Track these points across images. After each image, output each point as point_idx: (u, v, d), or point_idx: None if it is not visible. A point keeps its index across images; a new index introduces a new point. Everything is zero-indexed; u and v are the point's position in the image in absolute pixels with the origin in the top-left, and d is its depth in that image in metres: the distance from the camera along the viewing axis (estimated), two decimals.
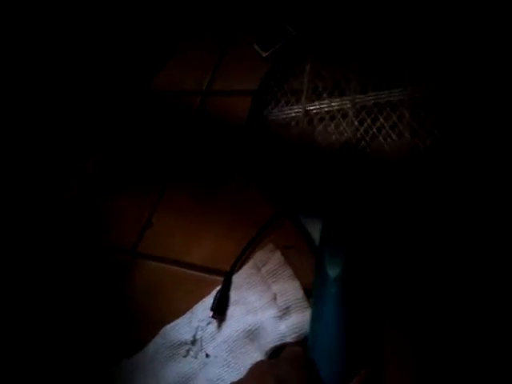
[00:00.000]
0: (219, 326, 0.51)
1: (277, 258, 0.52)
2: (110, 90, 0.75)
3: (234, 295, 0.52)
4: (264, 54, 0.70)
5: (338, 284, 0.42)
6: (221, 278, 0.54)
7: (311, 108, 0.58)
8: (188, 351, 0.51)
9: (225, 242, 0.57)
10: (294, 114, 0.59)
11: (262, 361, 0.41)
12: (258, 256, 0.53)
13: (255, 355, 0.47)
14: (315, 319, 0.43)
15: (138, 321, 0.56)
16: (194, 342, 0.51)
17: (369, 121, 0.54)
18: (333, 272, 0.42)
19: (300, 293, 0.48)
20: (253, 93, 0.65)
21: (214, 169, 0.64)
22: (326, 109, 0.57)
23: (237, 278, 0.53)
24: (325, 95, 0.58)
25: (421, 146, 0.49)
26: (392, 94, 0.54)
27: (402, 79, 0.54)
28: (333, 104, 0.57)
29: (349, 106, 0.55)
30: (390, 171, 0.50)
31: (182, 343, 0.51)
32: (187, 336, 0.51)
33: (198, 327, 0.52)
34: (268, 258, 0.52)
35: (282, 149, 0.57)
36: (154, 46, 0.79)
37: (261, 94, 0.64)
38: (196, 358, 0.50)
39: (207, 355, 0.50)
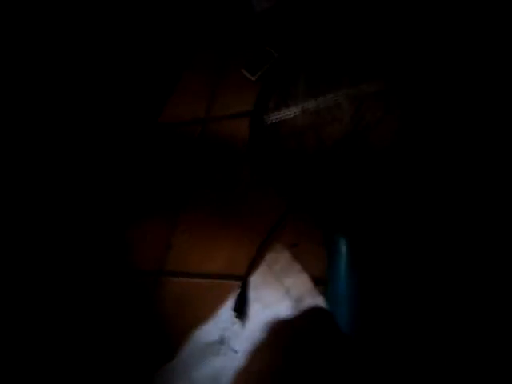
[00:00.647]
0: (242, 324, 0.56)
1: (285, 256, 0.58)
2: (120, 127, 0.81)
3: (252, 295, 0.58)
4: (253, 78, 0.77)
5: (348, 246, 0.50)
6: (239, 282, 0.59)
7: (308, 107, 0.65)
8: (218, 350, 0.56)
9: (238, 250, 0.63)
10: (292, 115, 0.66)
11: (279, 318, 0.46)
12: (269, 257, 0.59)
13: None
14: (331, 277, 0.51)
15: (169, 331, 0.62)
16: (222, 341, 0.56)
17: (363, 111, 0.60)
18: (343, 249, 0.50)
19: (309, 284, 0.54)
20: (248, 113, 0.71)
21: (220, 187, 0.70)
22: (321, 106, 0.64)
23: (253, 279, 0.59)
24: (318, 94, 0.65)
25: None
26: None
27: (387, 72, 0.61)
28: (327, 100, 0.64)
29: (342, 99, 0.62)
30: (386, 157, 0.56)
31: (211, 344, 0.57)
32: (215, 337, 0.57)
33: (224, 328, 0.57)
34: (278, 258, 0.58)
35: (287, 147, 0.64)
36: (157, 83, 0.86)
37: (260, 101, 0.71)
38: (226, 355, 0.56)
39: (236, 351, 0.55)
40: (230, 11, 0.86)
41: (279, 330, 0.43)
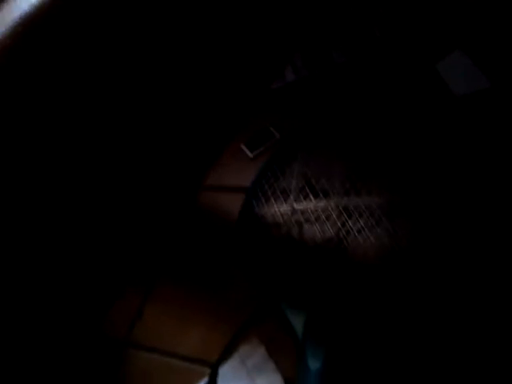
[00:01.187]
0: None
1: (261, 352, 0.56)
2: None
3: None
4: (251, 155, 0.77)
5: (319, 377, 0.47)
6: (208, 370, 0.57)
7: (299, 207, 0.65)
8: None
9: (212, 334, 0.61)
10: (282, 212, 0.65)
11: None
12: (244, 350, 0.57)
13: None
14: None
15: None
16: None
17: (350, 223, 0.60)
18: (314, 366, 0.48)
19: None
20: (244, 189, 0.71)
21: (202, 264, 0.69)
22: (311, 208, 0.64)
23: (223, 371, 0.57)
24: (311, 196, 0.65)
25: (396, 249, 0.56)
26: (371, 200, 0.61)
27: (381, 186, 0.62)
28: (318, 205, 0.63)
29: (332, 206, 0.62)
30: (367, 270, 0.56)
31: None
32: None
33: None
34: (253, 352, 0.56)
35: (271, 244, 0.63)
36: None
37: (253, 191, 0.71)
38: None
39: None
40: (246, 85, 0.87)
41: None
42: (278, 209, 0.67)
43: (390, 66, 0.78)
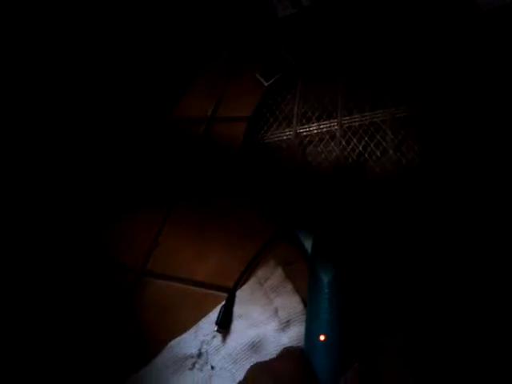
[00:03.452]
0: (224, 339, 0.53)
1: (278, 274, 0.55)
2: (130, 118, 0.79)
3: (237, 310, 0.55)
4: (266, 84, 0.74)
5: (331, 287, 0.46)
6: (225, 294, 0.56)
7: (301, 131, 0.62)
8: (194, 364, 0.53)
9: (229, 260, 0.60)
10: (285, 137, 0.63)
11: (257, 362, 0.43)
12: (261, 272, 0.56)
13: None
14: (310, 320, 0.46)
15: (146, 337, 0.58)
16: (199, 355, 0.53)
17: (355, 140, 0.58)
18: (326, 277, 0.46)
19: (300, 306, 0.51)
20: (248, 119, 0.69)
21: (217, 191, 0.67)
22: (315, 131, 0.61)
23: (240, 294, 0.56)
24: (314, 119, 0.63)
25: (403, 161, 0.53)
26: (375, 115, 0.58)
27: (384, 101, 0.59)
28: (321, 126, 0.61)
29: (336, 127, 0.60)
30: (375, 185, 0.53)
31: (188, 356, 0.53)
32: (193, 350, 0.53)
33: (203, 341, 0.54)
34: (270, 274, 0.55)
35: (276, 169, 0.61)
36: (174, 78, 0.83)
37: (255, 120, 0.68)
38: (201, 370, 0.52)
39: (212, 367, 0.52)
40: (251, 14, 0.83)
41: (250, 372, 0.40)
42: (281, 134, 0.64)
43: None
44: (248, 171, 0.63)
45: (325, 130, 0.61)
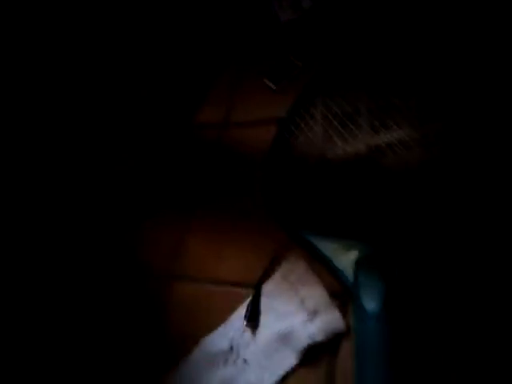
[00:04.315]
0: (254, 333, 0.55)
1: (302, 266, 0.57)
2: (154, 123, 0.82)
3: (265, 303, 0.56)
4: (274, 87, 0.76)
5: (378, 319, 0.45)
6: (251, 290, 0.58)
7: (327, 152, 0.62)
8: (227, 359, 0.55)
9: (251, 258, 0.62)
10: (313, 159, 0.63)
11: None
12: (285, 266, 0.58)
13: (289, 356, 0.51)
14: (358, 353, 0.46)
15: (178, 337, 0.60)
16: (231, 350, 0.55)
17: (384, 161, 0.58)
18: (371, 307, 0.45)
19: (326, 296, 0.53)
20: (273, 121, 0.71)
21: (238, 193, 0.69)
22: (340, 152, 0.61)
23: (266, 288, 0.58)
24: (337, 140, 0.62)
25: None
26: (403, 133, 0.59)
27: (412, 120, 0.59)
28: (347, 148, 0.61)
29: (362, 147, 0.60)
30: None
31: (221, 352, 0.55)
32: (225, 345, 0.55)
33: (234, 336, 0.56)
34: (294, 267, 0.57)
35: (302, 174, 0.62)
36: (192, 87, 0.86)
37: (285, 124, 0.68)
38: (235, 364, 0.54)
39: (245, 361, 0.54)
40: (255, 20, 0.86)
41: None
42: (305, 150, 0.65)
43: None
44: (274, 173, 0.64)
45: (350, 152, 0.61)
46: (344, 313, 0.52)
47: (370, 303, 0.46)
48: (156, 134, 0.81)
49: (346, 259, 0.52)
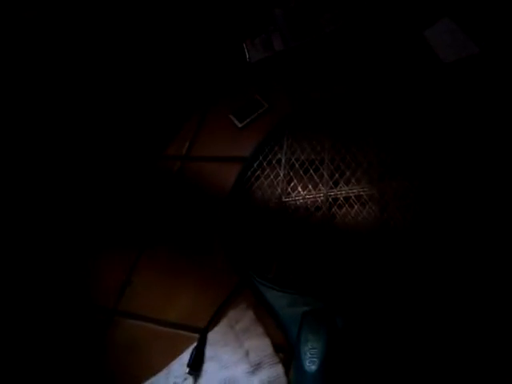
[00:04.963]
0: (195, 381, 0.54)
1: (249, 316, 0.56)
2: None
3: (209, 352, 0.56)
4: (239, 125, 0.77)
5: (315, 380, 0.45)
6: (197, 335, 0.57)
7: (287, 200, 0.64)
8: None
9: (201, 301, 0.61)
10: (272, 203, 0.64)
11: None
12: (232, 314, 0.57)
13: None
14: None
15: (117, 378, 0.59)
16: None
17: (340, 212, 0.59)
18: (310, 368, 0.46)
19: (270, 349, 0.52)
20: (235, 159, 0.71)
21: (191, 232, 0.68)
22: (301, 200, 0.63)
23: (212, 335, 0.57)
24: (299, 188, 0.64)
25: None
26: (362, 190, 0.60)
27: (371, 176, 0.61)
28: (307, 197, 0.62)
29: (322, 198, 0.61)
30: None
31: None
32: None
33: (174, 383, 0.54)
34: (241, 317, 0.56)
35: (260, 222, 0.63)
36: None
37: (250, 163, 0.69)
38: None
39: None
40: (226, 58, 0.86)
41: None
42: (267, 191, 0.66)
43: (378, 34, 0.77)
44: (231, 215, 0.64)
45: (310, 200, 0.62)
46: (287, 368, 0.51)
47: (309, 364, 0.46)
48: (115, 164, 0.79)
49: (292, 313, 0.52)
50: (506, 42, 0.68)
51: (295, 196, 0.63)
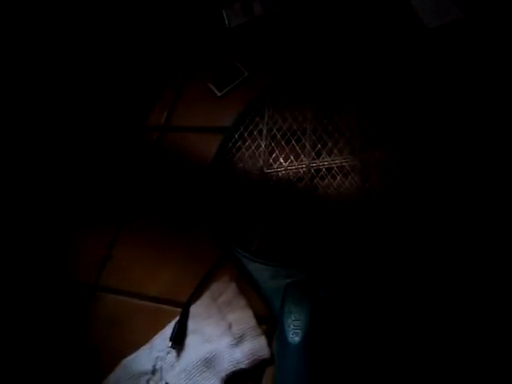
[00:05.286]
0: (178, 355, 0.54)
1: (232, 289, 0.56)
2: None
3: (191, 325, 0.55)
4: (219, 93, 0.74)
5: (299, 351, 0.46)
6: (179, 309, 0.57)
7: (269, 171, 0.62)
8: (148, 381, 0.53)
9: (183, 275, 0.60)
10: (253, 168, 0.63)
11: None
12: (215, 287, 0.57)
13: (212, 381, 0.50)
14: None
15: (100, 353, 0.58)
16: (154, 371, 0.54)
17: (323, 184, 0.59)
18: (293, 340, 0.46)
19: (253, 321, 0.52)
20: (214, 130, 0.70)
21: (172, 204, 0.67)
22: (283, 171, 0.62)
23: (194, 309, 0.56)
24: (281, 159, 0.63)
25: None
26: (345, 160, 0.59)
27: (354, 146, 0.60)
28: (289, 168, 0.61)
29: (304, 169, 0.60)
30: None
31: (143, 373, 0.54)
32: (147, 366, 0.54)
33: (157, 357, 0.54)
34: (224, 289, 0.56)
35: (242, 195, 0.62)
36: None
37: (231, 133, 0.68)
38: None
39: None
40: (204, 24, 0.83)
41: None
42: (248, 162, 0.65)
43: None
44: (213, 187, 0.63)
45: (293, 171, 0.61)
46: (270, 339, 0.51)
47: (293, 336, 0.46)
48: (95, 137, 0.77)
49: (275, 285, 0.52)
50: (488, 7, 0.66)
51: (277, 167, 0.62)
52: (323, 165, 0.60)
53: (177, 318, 0.56)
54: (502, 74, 0.60)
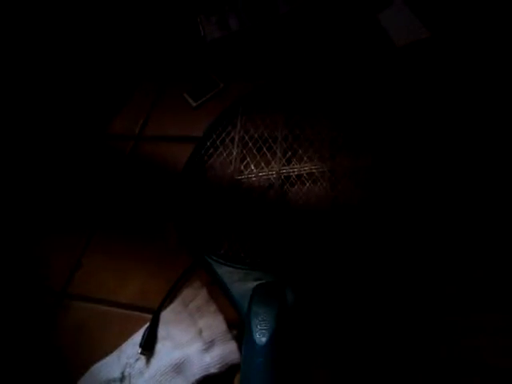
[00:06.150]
0: (148, 361, 0.53)
1: (203, 294, 0.56)
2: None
3: (162, 331, 0.55)
4: (194, 104, 0.75)
5: (265, 352, 0.45)
6: (150, 316, 0.56)
7: (240, 177, 0.63)
8: None
9: (153, 281, 0.60)
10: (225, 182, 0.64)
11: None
12: (186, 293, 0.57)
13: None
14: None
15: (68, 360, 0.57)
16: (122, 378, 0.53)
17: (292, 190, 0.60)
18: (260, 340, 0.46)
19: (223, 326, 0.52)
20: (188, 139, 0.70)
21: (143, 213, 0.67)
22: (253, 178, 0.63)
23: (165, 315, 0.56)
24: (252, 166, 0.64)
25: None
26: (314, 167, 0.60)
27: (323, 154, 0.61)
28: (260, 174, 0.62)
29: (274, 176, 0.62)
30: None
31: (111, 380, 0.53)
32: (116, 373, 0.53)
33: (126, 364, 0.54)
34: (195, 295, 0.56)
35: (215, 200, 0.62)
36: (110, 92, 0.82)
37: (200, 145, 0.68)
38: None
39: None
40: (181, 36, 0.85)
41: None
42: (221, 170, 0.65)
43: (333, 15, 0.78)
44: (184, 193, 0.64)
45: (263, 177, 0.62)
46: (241, 344, 0.51)
47: (260, 336, 0.46)
48: (63, 142, 0.76)
49: (243, 287, 0.52)
50: (456, 27, 0.69)
51: (248, 174, 0.63)
52: (293, 171, 0.61)
53: (147, 325, 0.55)
54: (464, 91, 0.62)
